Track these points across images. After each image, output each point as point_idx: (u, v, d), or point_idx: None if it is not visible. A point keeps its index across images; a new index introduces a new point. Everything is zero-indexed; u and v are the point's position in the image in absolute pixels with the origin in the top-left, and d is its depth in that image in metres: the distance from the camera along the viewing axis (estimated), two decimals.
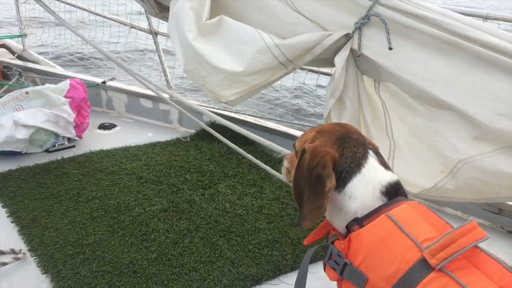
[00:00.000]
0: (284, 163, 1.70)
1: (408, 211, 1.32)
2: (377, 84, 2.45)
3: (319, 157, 1.39)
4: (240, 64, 2.63)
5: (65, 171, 3.54)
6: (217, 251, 2.68)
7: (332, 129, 1.52)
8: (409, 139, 2.35)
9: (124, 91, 4.77)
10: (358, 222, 1.37)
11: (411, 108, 2.29)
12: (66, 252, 2.61)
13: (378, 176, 1.42)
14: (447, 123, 2.13)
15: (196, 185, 3.41)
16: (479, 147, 2.04)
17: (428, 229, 1.26)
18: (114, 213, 3.00)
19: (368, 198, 1.38)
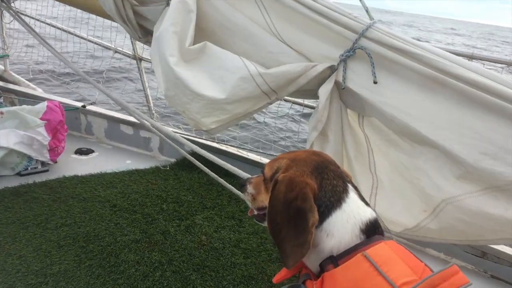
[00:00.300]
0: (249, 189, 1.55)
1: (385, 251, 1.22)
2: (361, 118, 2.40)
3: (298, 189, 1.27)
4: (222, 92, 2.56)
5: (35, 195, 3.38)
6: (189, 286, 2.55)
7: (308, 157, 1.40)
8: (392, 176, 2.29)
9: (104, 116, 4.66)
10: (332, 261, 1.25)
11: (394, 144, 2.24)
12: (28, 282, 2.45)
13: (359, 213, 1.30)
14: (430, 160, 2.07)
15: (172, 216, 3.28)
16: (463, 187, 1.99)
17: (406, 271, 1.15)
18: (83, 242, 2.85)
19: (346, 236, 1.27)
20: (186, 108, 2.80)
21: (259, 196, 1.49)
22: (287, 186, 1.28)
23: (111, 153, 4.50)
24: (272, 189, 1.32)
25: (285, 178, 1.30)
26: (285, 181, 1.29)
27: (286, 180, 1.29)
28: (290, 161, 1.38)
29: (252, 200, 1.53)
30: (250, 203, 1.55)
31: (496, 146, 1.85)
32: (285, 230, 1.26)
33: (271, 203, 1.30)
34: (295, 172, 1.32)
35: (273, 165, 1.43)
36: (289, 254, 1.25)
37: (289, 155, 1.44)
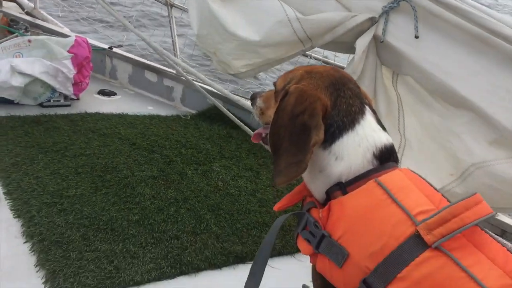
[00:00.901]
0: (258, 102, 1.43)
1: (400, 178, 1.12)
2: (395, 77, 2.34)
3: (307, 103, 1.16)
4: (257, 34, 2.51)
5: (56, 125, 3.37)
6: (203, 224, 2.53)
7: (325, 71, 1.27)
8: (421, 138, 2.23)
9: (130, 60, 4.62)
10: (341, 188, 1.16)
11: (428, 105, 2.17)
12: (43, 200, 2.45)
13: (374, 137, 1.19)
14: (464, 123, 2.01)
15: (190, 160, 3.26)
16: (495, 152, 1.93)
17: (423, 200, 1.06)
18: (100, 172, 2.84)
19: (357, 161, 1.16)
20: (217, 48, 2.75)
21: (268, 111, 1.37)
22: (297, 98, 1.17)
23: (133, 98, 4.48)
24: (281, 99, 1.21)
25: (296, 90, 1.19)
26: (296, 93, 1.18)
27: (297, 92, 1.18)
28: (305, 72, 1.27)
29: (260, 114, 1.42)
30: (257, 118, 1.44)
31: None
32: (285, 144, 1.15)
33: (277, 113, 1.19)
34: (308, 85, 1.21)
35: (287, 76, 1.32)
36: (283, 171, 1.15)
37: (306, 67, 1.32)
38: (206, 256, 2.28)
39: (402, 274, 0.97)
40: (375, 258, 1.01)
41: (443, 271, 0.95)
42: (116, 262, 2.11)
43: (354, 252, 1.06)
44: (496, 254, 0.99)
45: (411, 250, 0.98)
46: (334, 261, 1.09)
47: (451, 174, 2.12)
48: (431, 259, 0.97)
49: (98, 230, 2.30)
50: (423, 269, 0.96)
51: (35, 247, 2.14)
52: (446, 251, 0.96)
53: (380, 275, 1.00)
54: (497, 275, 0.94)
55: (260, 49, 2.56)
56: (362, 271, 1.03)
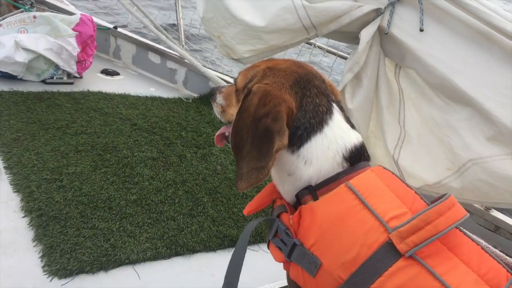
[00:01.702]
0: (219, 99, 1.35)
1: (372, 180, 1.08)
2: (397, 69, 2.34)
3: (271, 105, 1.09)
4: (262, 19, 2.51)
5: (58, 102, 3.39)
6: (200, 206, 2.56)
7: (289, 68, 1.19)
8: (421, 131, 2.24)
9: (134, 40, 4.61)
10: (310, 192, 1.12)
11: (428, 99, 2.18)
12: (43, 176, 2.48)
13: (343, 138, 1.15)
14: (463, 119, 2.02)
15: (190, 143, 3.27)
16: (492, 149, 1.94)
17: (396, 203, 1.02)
18: (101, 151, 2.86)
19: (327, 164, 1.12)
20: (222, 32, 2.75)
21: (229, 109, 1.31)
22: (260, 99, 1.10)
23: (136, 79, 4.48)
24: (244, 98, 1.15)
25: (259, 90, 1.12)
26: (259, 93, 1.11)
27: (260, 92, 1.11)
28: (267, 69, 1.19)
29: (222, 112, 1.35)
30: (219, 116, 1.36)
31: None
32: (248, 147, 1.09)
33: (240, 114, 1.13)
34: (272, 84, 1.14)
35: (247, 73, 1.24)
36: (244, 175, 1.10)
37: (267, 62, 1.24)
38: (201, 239, 2.31)
39: (375, 285, 0.95)
40: (348, 267, 0.99)
41: (416, 281, 0.93)
42: (113, 240, 2.14)
43: (326, 261, 1.03)
44: (471, 256, 0.98)
45: (384, 259, 0.96)
46: (307, 270, 1.07)
47: (448, 169, 2.14)
48: (404, 269, 0.94)
49: (96, 208, 2.33)
50: (396, 280, 0.94)
51: (33, 222, 2.17)
52: (419, 259, 0.94)
53: (353, 285, 0.97)
54: (472, 280, 0.93)
55: (264, 35, 2.56)
56: (336, 281, 1.01)
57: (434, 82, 2.08)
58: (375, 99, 2.40)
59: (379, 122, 2.39)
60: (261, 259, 2.33)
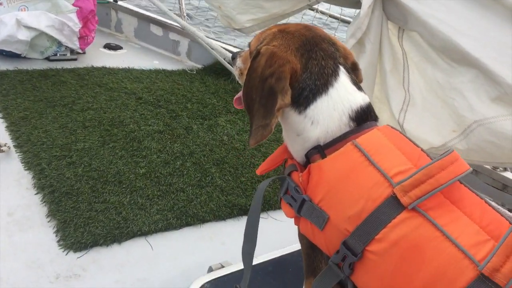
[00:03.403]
0: (237, 62, 1.39)
1: (378, 138, 1.10)
2: (401, 32, 2.31)
3: (276, 65, 1.12)
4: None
5: (63, 79, 3.40)
6: (208, 177, 2.59)
7: (297, 31, 1.22)
8: (425, 94, 2.23)
9: (135, 13, 4.58)
10: (319, 151, 1.14)
11: (433, 62, 2.16)
12: (52, 153, 2.51)
13: (349, 99, 1.16)
14: (467, 81, 2.00)
15: (196, 115, 3.29)
16: (497, 109, 1.93)
17: (401, 160, 1.04)
18: (108, 126, 2.89)
19: (333, 125, 1.14)
20: (222, 2, 2.73)
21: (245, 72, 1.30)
22: (267, 60, 1.14)
23: (139, 52, 4.47)
24: (252, 59, 1.18)
25: (266, 51, 1.16)
26: (266, 54, 1.15)
27: (267, 53, 1.15)
28: (278, 32, 1.22)
29: (240, 75, 1.38)
30: (238, 78, 1.40)
31: None
32: (256, 107, 1.14)
33: (249, 74, 1.17)
34: (279, 46, 1.17)
35: (260, 36, 1.27)
36: (253, 133, 1.13)
37: (279, 26, 1.26)
38: (211, 208, 2.35)
39: (379, 235, 0.98)
40: (354, 220, 1.02)
41: (418, 231, 0.95)
42: (124, 213, 2.19)
43: (333, 215, 1.07)
44: (474, 208, 0.99)
45: (388, 212, 0.98)
46: (316, 224, 1.10)
47: (453, 131, 2.14)
48: (407, 220, 0.96)
49: (106, 182, 2.37)
50: (399, 230, 0.96)
51: (46, 198, 2.21)
52: (422, 211, 0.96)
53: (359, 237, 1.00)
54: (473, 231, 0.94)
55: (264, 3, 2.54)
56: (342, 233, 1.04)
57: (438, 44, 2.06)
58: (379, 63, 2.38)
59: (383, 86, 2.38)
60: (271, 226, 2.37)
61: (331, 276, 1.10)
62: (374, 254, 0.98)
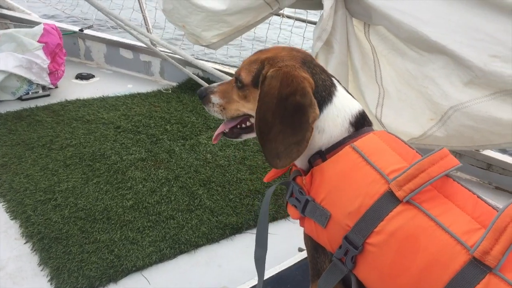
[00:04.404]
0: (214, 99, 1.41)
1: (375, 141, 1.19)
2: (367, 28, 2.33)
3: (296, 83, 1.18)
4: (222, 3, 2.48)
5: (38, 118, 3.37)
6: (196, 200, 2.58)
7: (290, 53, 1.29)
8: (399, 86, 2.25)
9: (103, 40, 4.55)
10: (321, 156, 1.23)
11: (402, 53, 2.18)
12: (36, 198, 2.49)
13: (349, 106, 1.26)
14: (438, 68, 2.02)
15: (176, 136, 3.28)
16: (470, 93, 1.95)
17: (396, 159, 1.13)
18: (89, 161, 2.87)
19: (336, 130, 1.23)
20: (185, 22, 2.72)
21: (231, 105, 1.37)
22: (282, 80, 1.19)
23: (111, 78, 4.44)
24: (261, 85, 1.23)
25: (278, 73, 1.21)
26: (280, 76, 1.20)
27: (280, 75, 1.20)
28: (270, 59, 1.28)
29: (222, 110, 1.40)
30: (219, 114, 1.41)
31: (507, 48, 1.79)
32: (277, 128, 1.18)
33: (261, 100, 1.21)
34: (287, 66, 1.22)
35: (250, 68, 1.31)
36: (283, 153, 1.18)
37: (266, 53, 1.32)
38: (203, 232, 2.34)
39: (378, 228, 1.05)
40: (354, 216, 1.09)
41: (413, 222, 1.02)
42: (117, 250, 2.17)
43: (335, 212, 1.14)
44: (466, 202, 1.06)
45: (385, 206, 1.06)
46: (319, 222, 1.18)
47: (431, 119, 2.16)
48: (402, 213, 1.04)
49: (94, 221, 2.35)
50: (396, 222, 1.04)
51: (36, 247, 2.19)
52: (416, 204, 1.04)
53: (359, 231, 1.08)
54: (465, 221, 1.01)
55: (227, 18, 2.54)
56: (344, 229, 1.11)
57: (404, 35, 2.08)
58: (349, 62, 2.39)
59: (356, 84, 2.39)
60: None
61: (336, 272, 1.18)
62: (373, 246, 1.06)
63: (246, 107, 1.34)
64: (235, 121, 1.41)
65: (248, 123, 1.41)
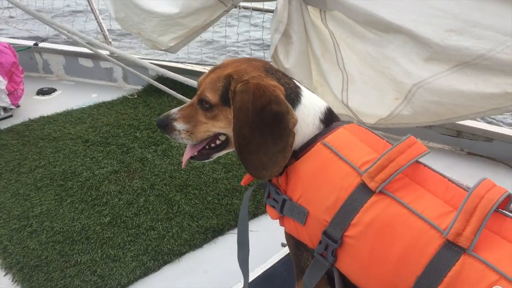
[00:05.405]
0: (179, 126, 1.35)
1: (345, 135, 1.21)
2: (323, 14, 2.31)
3: (268, 93, 1.18)
4: (174, 6, 2.43)
5: (3, 142, 3.28)
6: (175, 207, 2.56)
7: (251, 65, 1.28)
8: (362, 69, 2.25)
9: (60, 51, 4.43)
10: (294, 155, 1.23)
11: (360, 36, 2.17)
12: (11, 227, 2.43)
13: (316, 103, 1.28)
14: (397, 47, 2.03)
15: (147, 142, 3.23)
16: (431, 69, 1.96)
17: (366, 151, 1.16)
18: (61, 181, 2.81)
19: (307, 129, 1.25)
20: (140, 28, 2.66)
21: (199, 128, 1.33)
22: (254, 93, 1.18)
23: (74, 89, 4.34)
24: (233, 101, 1.21)
25: (248, 86, 1.19)
26: (250, 89, 1.19)
27: (251, 88, 1.19)
28: (234, 73, 1.25)
29: (190, 135, 1.35)
30: (187, 140, 1.36)
31: (461, 21, 1.80)
32: (257, 140, 1.19)
33: (236, 116, 1.20)
34: (254, 78, 1.21)
35: (214, 86, 1.27)
36: (269, 163, 1.19)
37: (226, 69, 1.29)
38: (185, 239, 2.32)
39: (354, 220, 1.07)
40: (331, 210, 1.11)
41: (388, 211, 1.05)
42: (99, 270, 2.14)
43: (312, 209, 1.16)
44: (437, 186, 1.09)
45: (359, 198, 1.08)
46: (298, 220, 1.20)
47: (396, 98, 2.17)
48: (377, 203, 1.06)
49: (73, 242, 2.31)
50: (371, 213, 1.06)
51: (16, 277, 2.14)
52: (389, 193, 1.07)
53: (336, 224, 1.10)
54: (437, 205, 1.04)
55: (182, 20, 2.49)
56: (322, 224, 1.13)
57: (360, 19, 2.07)
58: (310, 50, 2.38)
59: (319, 71, 2.39)
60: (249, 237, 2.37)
61: (318, 268, 1.20)
62: (352, 238, 1.08)
63: (217, 126, 1.31)
64: (203, 143, 1.37)
65: (218, 141, 1.37)
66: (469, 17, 1.76)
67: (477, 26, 1.75)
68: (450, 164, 2.93)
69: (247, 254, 1.42)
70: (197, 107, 1.33)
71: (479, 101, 1.93)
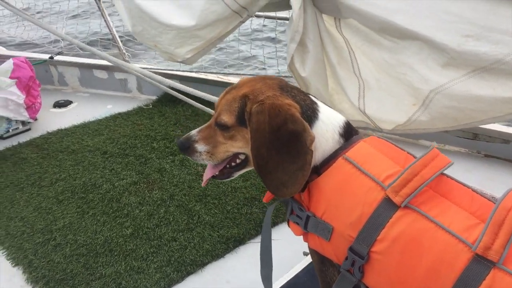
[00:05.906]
0: (200, 148, 1.37)
1: (365, 149, 1.21)
2: (338, 22, 2.32)
3: (284, 112, 1.19)
4: (191, 18, 2.45)
5: (23, 156, 3.33)
6: (195, 217, 2.58)
7: (265, 82, 1.30)
8: (378, 76, 2.26)
9: (75, 64, 4.49)
10: (315, 171, 1.24)
11: (376, 43, 2.18)
12: (35, 241, 2.47)
13: (335, 118, 1.29)
14: (413, 54, 2.03)
15: (164, 153, 3.26)
16: (449, 74, 1.97)
17: (389, 164, 1.16)
18: (82, 193, 2.85)
19: (328, 145, 1.25)
20: (157, 41, 2.69)
21: (219, 149, 1.35)
22: (269, 113, 1.19)
23: (90, 101, 4.40)
24: (249, 123, 1.23)
25: (263, 107, 1.20)
26: (266, 109, 1.20)
27: (266, 108, 1.20)
28: (252, 91, 1.27)
29: (210, 156, 1.37)
30: (208, 161, 1.38)
31: (477, 26, 1.80)
32: (275, 159, 1.19)
33: (253, 137, 1.21)
34: (269, 98, 1.22)
35: (230, 108, 1.29)
36: (289, 181, 1.19)
37: (241, 89, 1.31)
38: (206, 250, 2.35)
39: (381, 236, 1.07)
40: (356, 226, 1.11)
41: (414, 225, 1.05)
42: (124, 283, 2.17)
43: (337, 225, 1.16)
44: (462, 197, 1.09)
45: (384, 213, 1.08)
46: (322, 236, 1.20)
47: (413, 105, 2.17)
48: (402, 218, 1.06)
49: (97, 255, 2.34)
50: (397, 228, 1.06)
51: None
52: (414, 207, 1.06)
53: (362, 240, 1.10)
54: (463, 217, 1.04)
55: (198, 32, 2.51)
56: (347, 240, 1.13)
57: (376, 26, 2.08)
58: (325, 58, 2.39)
59: (336, 79, 2.40)
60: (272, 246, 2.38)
61: (345, 283, 1.20)
62: (378, 254, 1.08)
63: (236, 146, 1.33)
64: (224, 163, 1.39)
65: (238, 160, 1.38)
66: (485, 22, 1.77)
67: (494, 30, 1.75)
68: (469, 167, 2.92)
69: (270, 272, 1.44)
70: (215, 128, 1.34)
71: (497, 106, 1.93)
